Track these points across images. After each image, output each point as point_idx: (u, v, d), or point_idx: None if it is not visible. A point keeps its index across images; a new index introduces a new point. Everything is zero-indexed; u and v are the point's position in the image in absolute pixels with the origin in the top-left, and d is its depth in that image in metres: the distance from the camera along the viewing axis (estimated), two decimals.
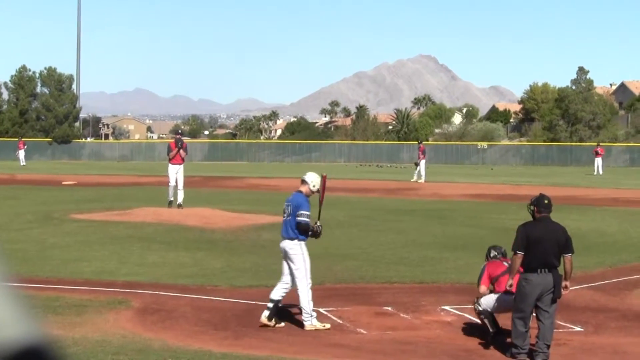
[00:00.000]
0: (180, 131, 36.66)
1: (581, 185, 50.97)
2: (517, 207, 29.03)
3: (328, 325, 13.36)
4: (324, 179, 14.31)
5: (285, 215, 13.72)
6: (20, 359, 1.25)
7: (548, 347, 11.74)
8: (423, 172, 53.67)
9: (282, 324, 13.54)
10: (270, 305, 13.40)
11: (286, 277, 13.63)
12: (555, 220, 12.34)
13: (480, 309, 12.79)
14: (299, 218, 13.40)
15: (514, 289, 11.98)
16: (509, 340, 12.12)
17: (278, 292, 13.54)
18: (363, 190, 43.99)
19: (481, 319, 12.95)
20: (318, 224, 13.65)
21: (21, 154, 74.75)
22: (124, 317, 13.36)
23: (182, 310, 14.08)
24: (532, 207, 12.13)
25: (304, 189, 13.90)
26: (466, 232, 26.07)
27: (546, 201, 12.15)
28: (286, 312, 14.08)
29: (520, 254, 11.78)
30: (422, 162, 54.26)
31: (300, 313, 13.60)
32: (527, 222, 12.16)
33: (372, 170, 73.78)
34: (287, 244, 13.56)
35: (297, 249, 13.47)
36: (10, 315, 1.28)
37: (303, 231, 13.47)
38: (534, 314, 11.93)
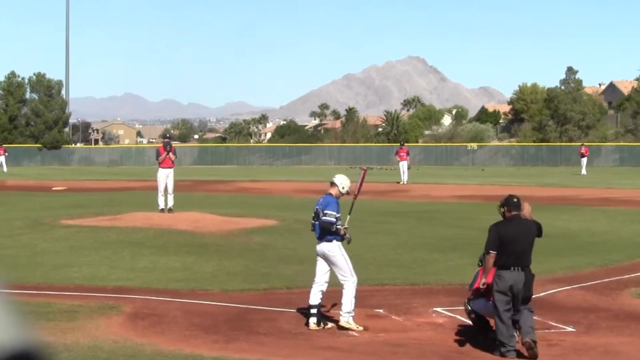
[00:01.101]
0: (168, 135, 36.39)
1: (571, 186, 51.06)
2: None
3: (361, 328, 13.42)
4: (364, 172, 14.99)
5: (315, 219, 13.82)
6: None
7: (533, 329, 11.90)
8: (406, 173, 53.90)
9: (330, 325, 13.59)
10: (314, 311, 13.56)
11: (320, 278, 13.77)
12: (546, 219, 12.44)
13: (470, 309, 12.89)
14: (324, 218, 13.50)
15: (489, 280, 12.11)
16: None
17: (316, 297, 13.68)
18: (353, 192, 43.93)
19: (472, 319, 13.00)
20: (346, 226, 13.78)
21: (1, 159, 74.00)
22: (115, 323, 13.33)
23: (173, 315, 14.06)
24: (502, 208, 12.31)
25: (333, 191, 14.02)
26: (456, 233, 26.10)
27: (515, 200, 12.36)
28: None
29: (493, 253, 12.03)
30: (405, 163, 54.31)
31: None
32: (499, 221, 12.36)
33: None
34: (325, 247, 13.67)
35: (335, 250, 13.59)
36: (2, 321, 1.28)
37: (326, 230, 13.54)
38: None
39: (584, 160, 68.85)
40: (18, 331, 1.29)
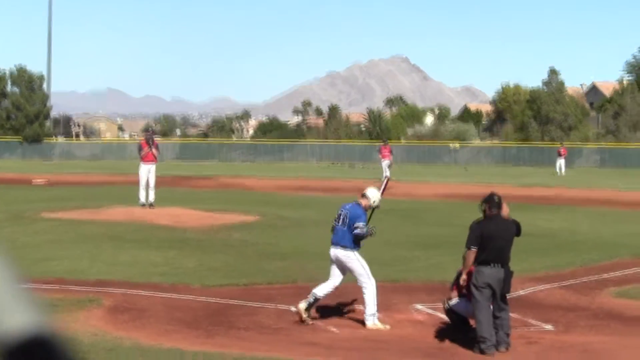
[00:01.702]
0: (151, 129, 36.41)
1: (553, 185, 51.23)
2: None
3: (388, 327, 13.48)
4: (387, 181, 15.84)
5: (338, 222, 13.91)
6: (26, 348, 1.25)
7: (508, 335, 12.11)
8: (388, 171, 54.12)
9: (310, 322, 13.60)
10: (311, 299, 13.65)
11: (333, 280, 13.87)
12: (527, 219, 12.58)
13: (448, 307, 12.99)
14: (356, 231, 13.63)
15: (466, 282, 12.22)
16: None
17: (322, 290, 13.79)
18: (335, 189, 44.01)
19: (451, 318, 13.08)
20: (371, 226, 13.91)
21: None
22: (94, 316, 13.29)
23: (153, 309, 14.03)
24: (484, 205, 12.39)
25: (363, 202, 14.09)
26: (438, 231, 26.16)
27: (497, 199, 12.48)
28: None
29: (474, 249, 12.11)
30: (388, 161, 54.43)
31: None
32: (480, 219, 12.45)
33: (344, 169, 73.84)
34: (340, 253, 13.76)
35: (352, 256, 13.70)
36: (15, 305, 1.28)
37: (358, 241, 13.74)
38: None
39: (561, 160, 69.12)
40: (32, 316, 1.29)
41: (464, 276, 12.34)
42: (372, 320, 13.46)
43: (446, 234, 25.08)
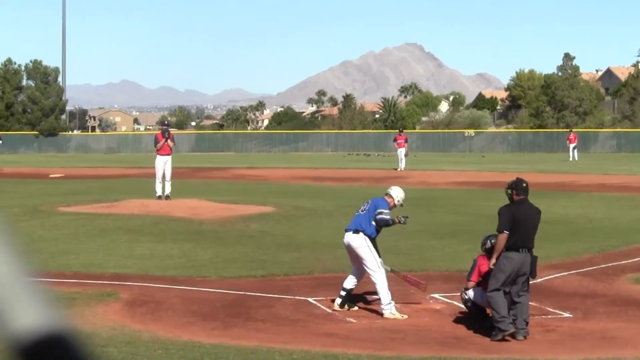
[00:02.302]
0: (167, 122, 36.33)
1: (568, 172, 51.07)
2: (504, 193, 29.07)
3: (406, 316, 13.50)
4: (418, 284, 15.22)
5: (361, 210, 14.14)
6: (40, 346, 1.26)
7: (527, 323, 12.11)
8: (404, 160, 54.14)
9: (356, 307, 13.92)
10: (343, 293, 13.83)
11: (357, 270, 13.99)
12: (543, 206, 12.59)
13: (466, 297, 12.97)
14: (379, 216, 13.82)
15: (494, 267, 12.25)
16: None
17: (350, 282, 13.95)
18: (350, 179, 44.02)
19: (468, 307, 13.06)
20: (402, 215, 14.23)
21: None
22: (112, 309, 13.34)
23: (170, 302, 14.07)
24: (510, 191, 12.41)
25: (389, 199, 14.30)
26: (454, 219, 26.12)
27: (524, 184, 12.56)
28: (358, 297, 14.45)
29: (507, 233, 12.11)
30: (403, 150, 54.41)
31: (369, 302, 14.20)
32: (510, 204, 12.42)
33: (359, 159, 73.80)
34: (350, 237, 13.88)
35: (361, 241, 13.77)
36: (28, 302, 1.29)
37: (381, 225, 13.90)
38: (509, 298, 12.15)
39: (572, 146, 69.09)
40: (47, 314, 1.30)
41: (493, 260, 12.25)
42: (390, 309, 13.45)
43: (462, 222, 25.04)
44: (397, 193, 14.37)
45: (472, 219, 25.22)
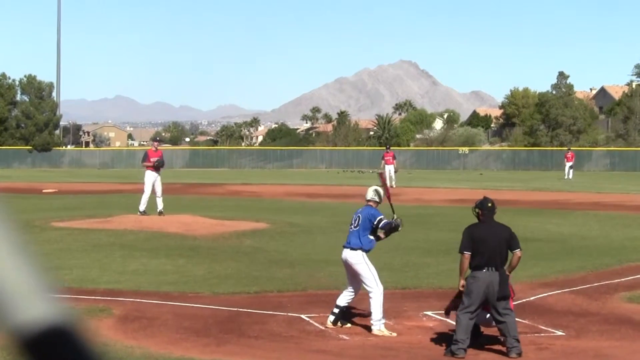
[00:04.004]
0: (158, 138, 36.09)
1: (562, 190, 51.12)
2: (498, 211, 29.09)
3: (395, 334, 13.49)
4: (380, 175, 16.63)
5: (352, 226, 14.13)
6: (44, 339, 1.25)
7: (517, 340, 12.02)
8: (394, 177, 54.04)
9: (348, 325, 13.89)
10: (336, 310, 13.84)
11: (351, 288, 13.99)
12: (537, 224, 12.57)
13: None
14: (383, 222, 13.93)
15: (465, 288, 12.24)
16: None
17: (344, 299, 13.96)
18: (344, 196, 43.99)
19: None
20: (395, 217, 14.23)
21: None
22: (105, 325, 13.31)
23: (163, 318, 14.04)
24: (477, 210, 12.49)
25: (374, 204, 14.33)
26: (448, 237, 26.05)
27: (489, 204, 12.65)
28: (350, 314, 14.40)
29: (467, 254, 12.18)
30: (392, 167, 54.28)
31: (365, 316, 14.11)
32: (472, 224, 12.59)
33: (353, 176, 73.82)
34: (348, 254, 13.88)
35: (359, 258, 13.76)
36: (33, 295, 1.29)
37: (387, 231, 13.97)
38: (493, 318, 12.13)
39: (569, 165, 69.01)
40: (49, 307, 1.30)
41: (462, 282, 12.29)
42: (379, 326, 13.46)
43: (456, 239, 24.85)
44: (371, 195, 14.45)
45: None
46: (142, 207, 29.64)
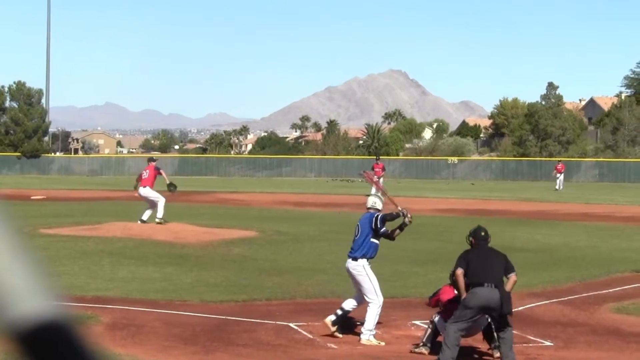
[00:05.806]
0: (155, 158, 35.83)
1: (551, 200, 51.23)
2: (487, 221, 29.13)
3: (383, 343, 13.50)
4: (365, 175, 17.19)
5: (355, 235, 14.21)
6: (40, 333, 1.25)
7: (511, 349, 12.03)
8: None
9: (340, 335, 13.79)
10: (339, 312, 13.86)
11: (358, 294, 14.04)
12: (525, 235, 12.61)
13: (435, 320, 12.96)
14: (381, 215, 14.17)
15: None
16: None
17: (350, 304, 14.00)
18: (333, 205, 44.01)
19: (431, 328, 13.03)
20: (400, 208, 14.45)
21: None
22: (93, 333, 13.26)
23: (152, 325, 14.01)
24: (470, 239, 12.59)
25: (371, 211, 14.51)
26: (437, 246, 26.14)
27: (482, 233, 12.74)
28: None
29: (461, 269, 12.18)
30: (381, 178, 54.23)
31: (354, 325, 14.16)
32: (466, 249, 12.67)
33: (342, 185, 73.86)
34: (350, 264, 13.98)
35: (360, 269, 13.83)
36: (29, 289, 1.29)
37: (388, 220, 14.21)
38: (495, 333, 12.16)
39: (560, 176, 69.06)
40: (45, 301, 1.30)
41: (464, 296, 12.21)
42: (368, 336, 13.48)
43: (445, 249, 25.03)
44: (370, 203, 14.80)
45: (455, 247, 25.07)
46: (159, 214, 29.63)
